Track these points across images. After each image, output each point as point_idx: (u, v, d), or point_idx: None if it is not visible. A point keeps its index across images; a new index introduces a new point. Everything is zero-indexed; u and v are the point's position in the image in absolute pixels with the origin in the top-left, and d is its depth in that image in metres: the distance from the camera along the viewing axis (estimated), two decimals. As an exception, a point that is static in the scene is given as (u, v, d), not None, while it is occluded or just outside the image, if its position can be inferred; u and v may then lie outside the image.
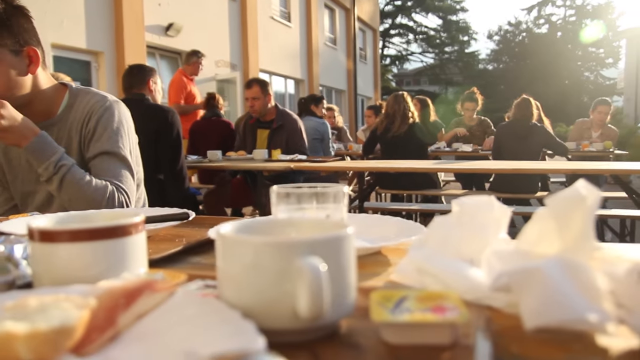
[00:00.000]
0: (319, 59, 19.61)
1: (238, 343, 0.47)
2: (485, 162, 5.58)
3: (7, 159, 2.06)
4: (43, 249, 0.71)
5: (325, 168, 4.78)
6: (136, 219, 0.74)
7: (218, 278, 0.61)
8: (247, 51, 14.48)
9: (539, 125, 5.50)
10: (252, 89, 5.07)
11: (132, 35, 9.87)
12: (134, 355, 0.53)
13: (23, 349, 0.48)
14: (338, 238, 0.57)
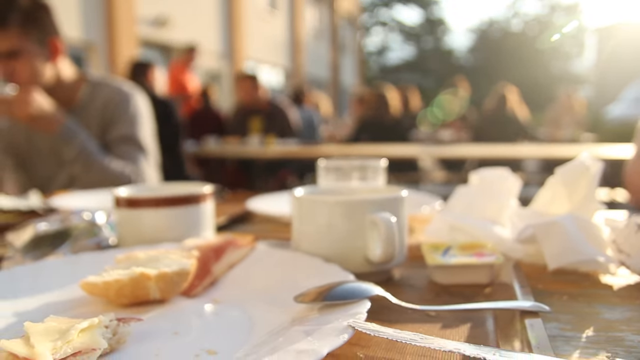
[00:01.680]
0: (304, 49, 19.70)
1: (331, 278, 0.59)
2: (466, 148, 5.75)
3: (30, 144, 2.15)
4: (129, 215, 0.83)
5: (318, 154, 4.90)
6: (207, 190, 0.86)
7: (294, 234, 0.73)
8: (236, 41, 14.52)
9: (513, 114, 5.69)
10: (244, 82, 5.20)
11: (124, 27, 9.86)
12: (232, 294, 0.64)
13: (153, 287, 0.59)
14: (399, 198, 0.69)
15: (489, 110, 5.89)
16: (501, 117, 5.57)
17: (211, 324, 0.55)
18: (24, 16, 1.92)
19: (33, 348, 0.39)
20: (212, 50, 13.50)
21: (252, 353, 0.46)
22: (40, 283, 0.65)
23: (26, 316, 0.58)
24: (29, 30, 1.93)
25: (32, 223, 0.85)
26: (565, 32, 28.49)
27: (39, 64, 1.96)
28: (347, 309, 0.49)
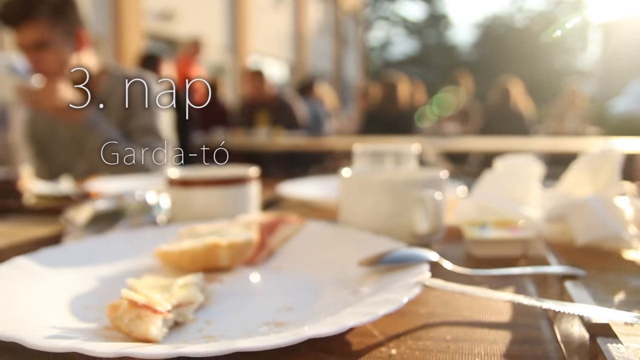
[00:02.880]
0: (308, 42, 19.73)
1: (383, 248, 0.65)
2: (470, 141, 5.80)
3: (51, 133, 2.21)
4: (182, 194, 0.89)
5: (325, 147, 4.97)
6: (252, 171, 0.92)
7: (342, 213, 0.79)
8: (240, 34, 14.55)
9: (516, 109, 5.74)
10: (251, 76, 5.26)
11: (130, 21, 9.89)
12: (292, 263, 0.70)
13: (224, 255, 0.65)
14: (440, 178, 0.75)
15: (492, 104, 5.94)
16: (505, 111, 5.62)
17: (282, 287, 0.61)
18: (51, 8, 1.97)
19: (147, 297, 0.45)
20: (217, 44, 13.52)
21: (329, 307, 0.52)
22: (111, 253, 0.71)
23: (107, 281, 0.64)
24: (57, 22, 1.98)
25: (90, 202, 0.91)
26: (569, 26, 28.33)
27: (65, 55, 2.02)
28: (409, 270, 0.55)
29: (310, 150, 5.24)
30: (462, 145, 4.83)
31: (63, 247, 0.70)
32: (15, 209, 1.33)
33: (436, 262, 0.59)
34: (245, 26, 14.83)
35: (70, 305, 0.55)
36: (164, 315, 0.44)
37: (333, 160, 6.42)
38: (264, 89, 5.33)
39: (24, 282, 0.58)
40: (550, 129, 6.77)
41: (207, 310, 0.53)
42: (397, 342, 0.47)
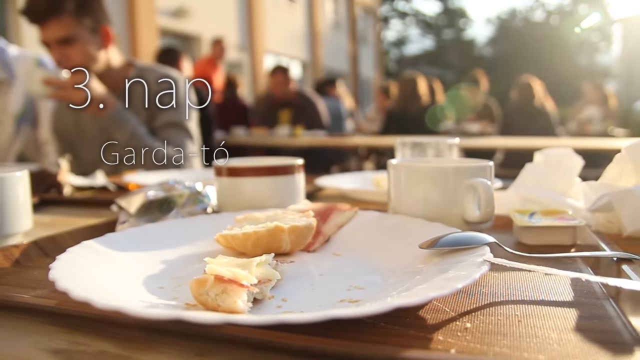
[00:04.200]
0: (323, 41, 19.74)
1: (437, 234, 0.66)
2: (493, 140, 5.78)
3: (77, 128, 2.25)
4: (230, 183, 0.91)
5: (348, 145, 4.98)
6: (299, 161, 0.94)
7: (392, 201, 0.81)
8: (255, 33, 14.61)
9: (542, 107, 5.69)
10: (276, 75, 5.27)
11: (144, 18, 9.97)
12: (349, 249, 0.72)
13: (286, 239, 0.67)
14: (489, 166, 0.77)
15: (514, 102, 5.90)
16: (530, 109, 5.58)
17: (346, 269, 0.63)
18: (77, 4, 2.00)
19: (233, 272, 0.47)
20: (232, 43, 13.58)
21: (398, 285, 0.53)
22: (171, 238, 0.74)
23: (171, 264, 0.67)
24: (82, 18, 2.01)
25: (142, 191, 0.93)
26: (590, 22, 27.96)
27: (91, 50, 2.04)
28: (471, 252, 0.57)
29: (331, 149, 5.25)
30: (486, 144, 4.80)
31: (126, 232, 0.72)
32: (56, 200, 1.37)
33: (494, 245, 0.61)
34: (260, 25, 14.88)
35: (144, 284, 0.58)
36: (250, 289, 0.47)
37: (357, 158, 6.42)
38: (287, 87, 5.34)
39: (97, 262, 0.61)
40: (573, 130, 6.69)
41: (280, 288, 0.55)
42: (469, 317, 0.49)
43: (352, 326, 0.45)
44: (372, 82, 25.34)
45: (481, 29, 46.01)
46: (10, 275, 0.69)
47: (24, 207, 0.91)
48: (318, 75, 17.53)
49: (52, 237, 0.83)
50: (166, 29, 11.34)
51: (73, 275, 0.52)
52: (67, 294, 0.45)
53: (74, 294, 0.44)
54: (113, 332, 0.49)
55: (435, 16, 38.55)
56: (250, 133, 5.47)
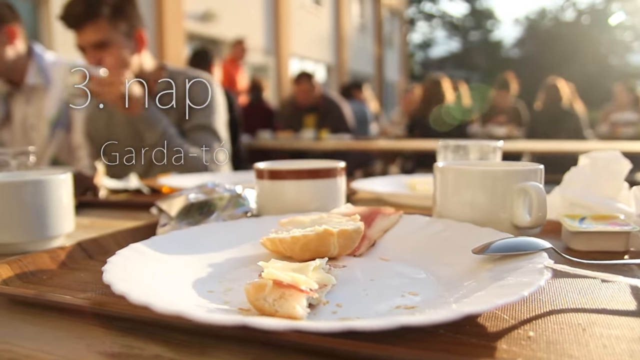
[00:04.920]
0: (348, 44, 19.74)
1: (488, 238, 0.65)
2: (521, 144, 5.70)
3: (110, 132, 2.28)
4: (272, 186, 0.90)
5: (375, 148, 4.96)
6: (341, 164, 0.93)
7: (437, 205, 0.79)
8: (280, 36, 14.67)
9: (571, 109, 5.59)
10: (302, 83, 5.28)
11: (172, 23, 10.08)
12: (396, 254, 0.71)
13: (334, 244, 0.66)
14: (539, 170, 0.75)
15: (541, 104, 5.82)
16: (557, 111, 5.49)
17: (396, 274, 0.62)
18: (113, 8, 2.02)
19: (292, 277, 0.46)
20: (257, 46, 13.66)
21: (454, 292, 0.52)
22: (216, 241, 0.73)
23: (218, 267, 0.66)
24: (118, 23, 2.04)
25: (183, 194, 0.93)
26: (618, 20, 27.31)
27: (125, 54, 2.06)
28: (528, 258, 0.55)
29: (356, 152, 5.24)
30: (512, 148, 4.73)
31: (171, 234, 0.72)
32: (93, 203, 1.38)
33: (550, 251, 0.59)
34: (286, 29, 14.94)
35: (194, 288, 0.57)
36: (309, 294, 0.46)
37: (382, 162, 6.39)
38: (312, 92, 5.35)
39: (145, 264, 0.61)
40: (604, 133, 6.56)
41: (334, 293, 0.54)
42: (530, 325, 0.48)
43: (414, 334, 0.44)
44: (397, 85, 25.24)
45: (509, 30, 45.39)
46: (57, 277, 0.70)
47: (67, 210, 0.91)
48: (343, 78, 17.52)
49: (95, 240, 0.83)
50: (193, 33, 11.45)
51: (126, 279, 0.52)
52: (125, 297, 0.45)
53: (132, 298, 0.44)
54: (165, 335, 0.49)
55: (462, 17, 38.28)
56: (275, 136, 5.49)
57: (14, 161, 1.27)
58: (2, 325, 0.54)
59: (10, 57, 2.48)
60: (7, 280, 0.67)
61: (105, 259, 0.78)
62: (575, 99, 6.19)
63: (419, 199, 1.20)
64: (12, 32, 2.48)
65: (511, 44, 37.60)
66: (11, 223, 0.84)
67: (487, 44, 37.10)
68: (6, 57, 2.47)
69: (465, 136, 5.68)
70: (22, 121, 2.64)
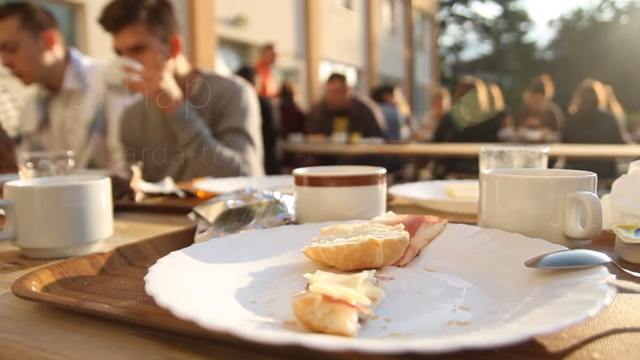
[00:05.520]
0: (378, 47, 19.70)
1: (539, 250, 0.62)
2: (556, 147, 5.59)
3: (144, 136, 2.30)
4: (311, 193, 0.89)
5: (407, 152, 4.92)
6: (382, 171, 0.91)
7: (483, 213, 0.77)
8: (310, 41, 14.72)
9: (607, 112, 5.46)
10: (333, 83, 5.26)
11: (203, 27, 10.20)
12: (441, 265, 0.68)
13: (379, 254, 0.64)
14: (592, 178, 0.72)
15: (578, 107, 5.70)
16: (592, 115, 5.37)
17: (444, 286, 0.59)
18: (150, 13, 2.05)
19: (342, 291, 0.45)
20: (288, 50, 13.72)
21: (508, 308, 0.50)
22: (256, 249, 0.72)
23: (259, 277, 0.65)
24: (155, 27, 2.06)
25: (221, 199, 0.93)
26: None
27: (161, 58, 2.08)
28: (587, 273, 0.52)
29: (387, 156, 5.20)
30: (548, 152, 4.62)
31: (212, 242, 0.71)
32: (129, 206, 1.39)
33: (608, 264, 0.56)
34: (316, 33, 14.99)
35: (237, 299, 0.56)
36: (360, 310, 0.44)
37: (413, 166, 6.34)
38: (344, 95, 5.33)
39: (187, 273, 0.60)
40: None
41: (382, 307, 0.52)
42: (593, 345, 0.45)
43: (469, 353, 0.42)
44: (427, 88, 25.08)
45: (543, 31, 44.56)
46: (98, 284, 0.70)
47: (106, 215, 0.92)
48: (373, 82, 17.49)
49: (134, 245, 0.83)
50: (224, 37, 11.56)
51: (169, 289, 0.51)
52: (170, 311, 0.44)
53: (178, 312, 0.43)
54: (209, 348, 0.48)
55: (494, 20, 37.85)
56: (306, 140, 5.49)
57: (53, 166, 1.28)
58: (46, 333, 0.54)
59: (48, 63, 2.53)
60: (48, 286, 0.67)
61: (144, 265, 0.79)
62: (612, 101, 6.05)
63: (459, 206, 1.17)
64: (51, 38, 2.52)
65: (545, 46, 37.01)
66: (52, 228, 0.85)
67: (520, 46, 36.59)
68: (45, 62, 2.52)
69: (498, 140, 5.60)
70: (60, 125, 2.68)
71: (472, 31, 38.47)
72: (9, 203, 0.85)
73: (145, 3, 2.04)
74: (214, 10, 10.65)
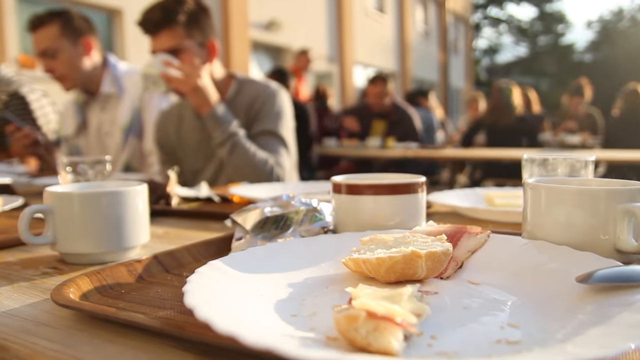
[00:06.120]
0: (412, 51, 19.59)
1: (589, 265, 0.59)
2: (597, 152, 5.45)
3: (179, 139, 2.31)
4: (349, 201, 0.87)
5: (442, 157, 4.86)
6: (422, 179, 0.89)
7: (528, 224, 0.74)
8: (343, 44, 14.72)
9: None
10: (377, 85, 5.23)
11: (237, 32, 10.30)
12: (486, 277, 0.65)
13: (422, 266, 0.62)
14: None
15: (620, 111, 5.55)
16: (636, 119, 5.22)
17: (491, 301, 0.57)
18: (189, 17, 2.07)
19: (387, 308, 0.43)
20: (321, 54, 13.75)
21: (561, 326, 0.47)
22: (295, 259, 0.71)
23: (299, 288, 0.63)
24: (192, 31, 2.08)
25: (258, 207, 0.92)
26: None
27: (197, 62, 2.10)
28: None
29: (422, 161, 5.15)
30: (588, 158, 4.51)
31: (250, 251, 0.70)
32: (165, 211, 1.39)
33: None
34: (349, 36, 14.99)
35: (277, 312, 0.55)
36: (406, 328, 0.42)
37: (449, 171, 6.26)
38: (385, 96, 5.28)
39: (226, 284, 0.59)
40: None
41: (426, 322, 0.50)
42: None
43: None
44: (462, 92, 24.83)
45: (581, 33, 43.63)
46: (135, 292, 0.69)
47: (143, 221, 0.92)
48: (407, 85, 17.40)
49: (171, 252, 0.83)
50: (258, 41, 11.65)
51: (208, 301, 0.50)
52: (210, 326, 0.43)
53: (217, 328, 0.42)
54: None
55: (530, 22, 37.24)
56: (340, 144, 5.48)
57: (91, 170, 1.30)
58: (84, 342, 0.54)
59: (87, 68, 2.58)
60: (86, 293, 0.67)
61: (182, 272, 0.78)
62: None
63: (500, 215, 1.14)
64: (89, 44, 2.57)
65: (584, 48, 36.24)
66: (90, 233, 0.85)
67: (557, 48, 35.91)
68: (83, 67, 2.56)
69: (536, 145, 5.49)
70: (98, 128, 2.73)
71: (508, 33, 37.94)
72: (49, 208, 0.86)
73: (184, 7, 2.06)
74: (248, 14, 10.76)
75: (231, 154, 2.01)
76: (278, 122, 2.20)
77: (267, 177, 2.03)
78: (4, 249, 1.00)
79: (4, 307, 0.66)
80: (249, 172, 2.00)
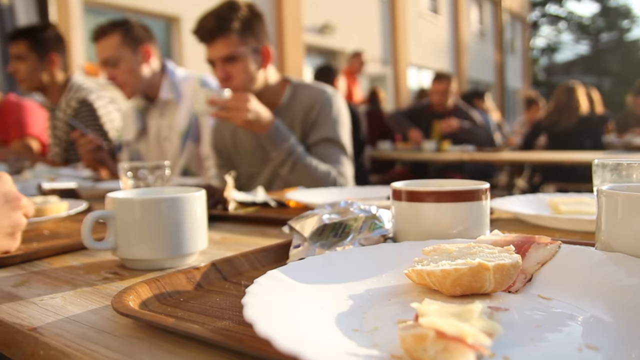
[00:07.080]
0: (467, 52, 19.27)
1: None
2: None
3: (234, 144, 2.33)
4: (410, 208, 0.84)
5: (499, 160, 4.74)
6: (486, 185, 0.85)
7: (602, 234, 0.69)
8: (397, 46, 14.63)
9: None
10: (441, 83, 5.16)
11: (291, 36, 10.38)
12: (558, 292, 0.61)
13: (490, 279, 0.59)
14: None
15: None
16: None
17: (565, 319, 0.53)
18: (243, 24, 2.08)
19: (457, 328, 0.40)
20: (375, 56, 13.70)
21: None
22: (354, 269, 0.69)
23: (359, 300, 0.61)
24: (247, 38, 2.09)
25: (316, 213, 0.90)
26: None
27: (252, 69, 2.11)
28: None
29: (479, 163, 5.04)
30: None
31: (308, 261, 0.69)
32: (222, 216, 1.40)
33: None
34: (403, 38, 14.88)
35: (338, 326, 0.53)
36: (478, 350, 0.39)
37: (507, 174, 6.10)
38: (448, 97, 5.20)
39: (286, 295, 0.57)
40: None
41: (498, 342, 0.47)
42: None
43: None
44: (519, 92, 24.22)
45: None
46: (194, 300, 0.69)
47: (202, 227, 0.92)
48: (462, 87, 17.11)
49: (229, 260, 0.82)
50: (312, 45, 11.71)
51: (268, 314, 0.49)
52: (271, 342, 0.41)
53: (279, 345, 0.40)
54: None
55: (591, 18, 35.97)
56: (395, 147, 5.42)
57: (151, 175, 1.32)
58: (143, 352, 0.53)
59: (146, 75, 2.64)
60: (146, 301, 0.67)
61: (240, 280, 0.77)
62: None
63: (566, 223, 1.08)
64: (148, 51, 2.63)
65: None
66: (150, 239, 0.85)
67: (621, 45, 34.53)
68: (143, 75, 2.63)
69: (600, 147, 5.28)
70: (157, 133, 2.79)
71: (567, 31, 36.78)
72: (110, 214, 0.87)
73: (238, 14, 2.08)
74: (301, 18, 10.83)
75: (292, 172, 2.00)
76: (337, 128, 2.18)
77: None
78: (68, 253, 1.02)
79: (68, 312, 0.67)
80: (313, 186, 1.99)
